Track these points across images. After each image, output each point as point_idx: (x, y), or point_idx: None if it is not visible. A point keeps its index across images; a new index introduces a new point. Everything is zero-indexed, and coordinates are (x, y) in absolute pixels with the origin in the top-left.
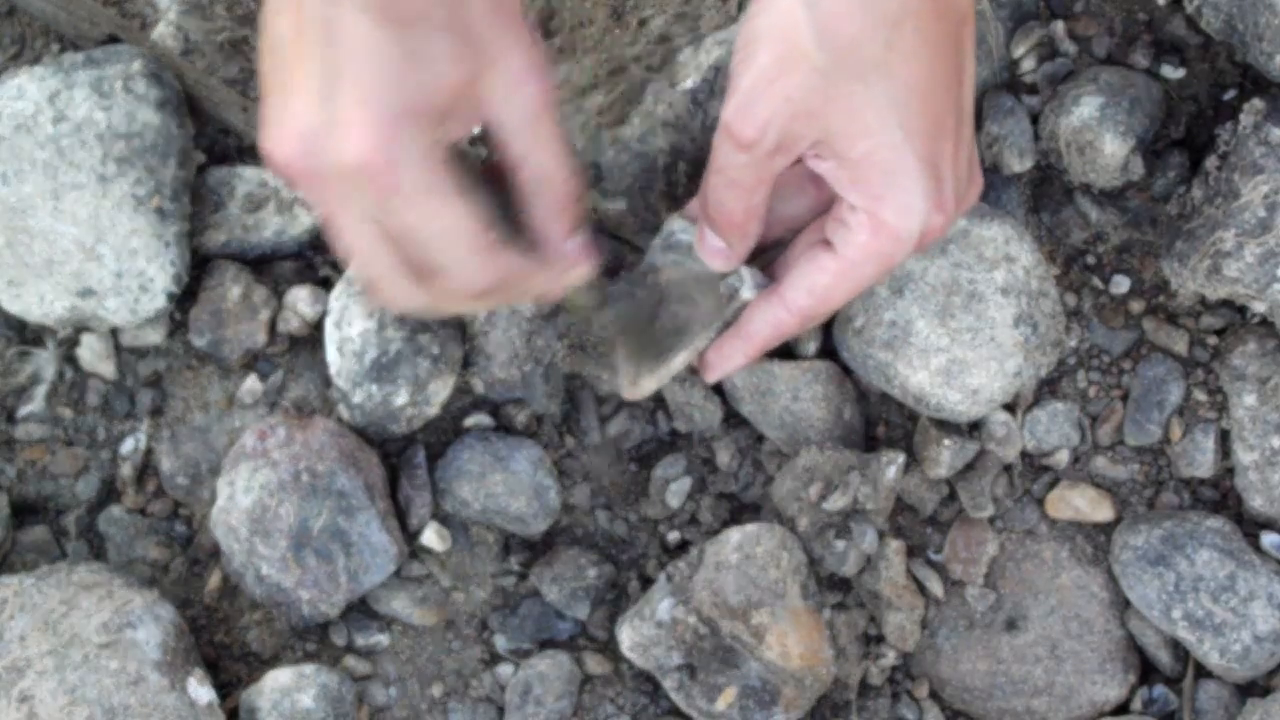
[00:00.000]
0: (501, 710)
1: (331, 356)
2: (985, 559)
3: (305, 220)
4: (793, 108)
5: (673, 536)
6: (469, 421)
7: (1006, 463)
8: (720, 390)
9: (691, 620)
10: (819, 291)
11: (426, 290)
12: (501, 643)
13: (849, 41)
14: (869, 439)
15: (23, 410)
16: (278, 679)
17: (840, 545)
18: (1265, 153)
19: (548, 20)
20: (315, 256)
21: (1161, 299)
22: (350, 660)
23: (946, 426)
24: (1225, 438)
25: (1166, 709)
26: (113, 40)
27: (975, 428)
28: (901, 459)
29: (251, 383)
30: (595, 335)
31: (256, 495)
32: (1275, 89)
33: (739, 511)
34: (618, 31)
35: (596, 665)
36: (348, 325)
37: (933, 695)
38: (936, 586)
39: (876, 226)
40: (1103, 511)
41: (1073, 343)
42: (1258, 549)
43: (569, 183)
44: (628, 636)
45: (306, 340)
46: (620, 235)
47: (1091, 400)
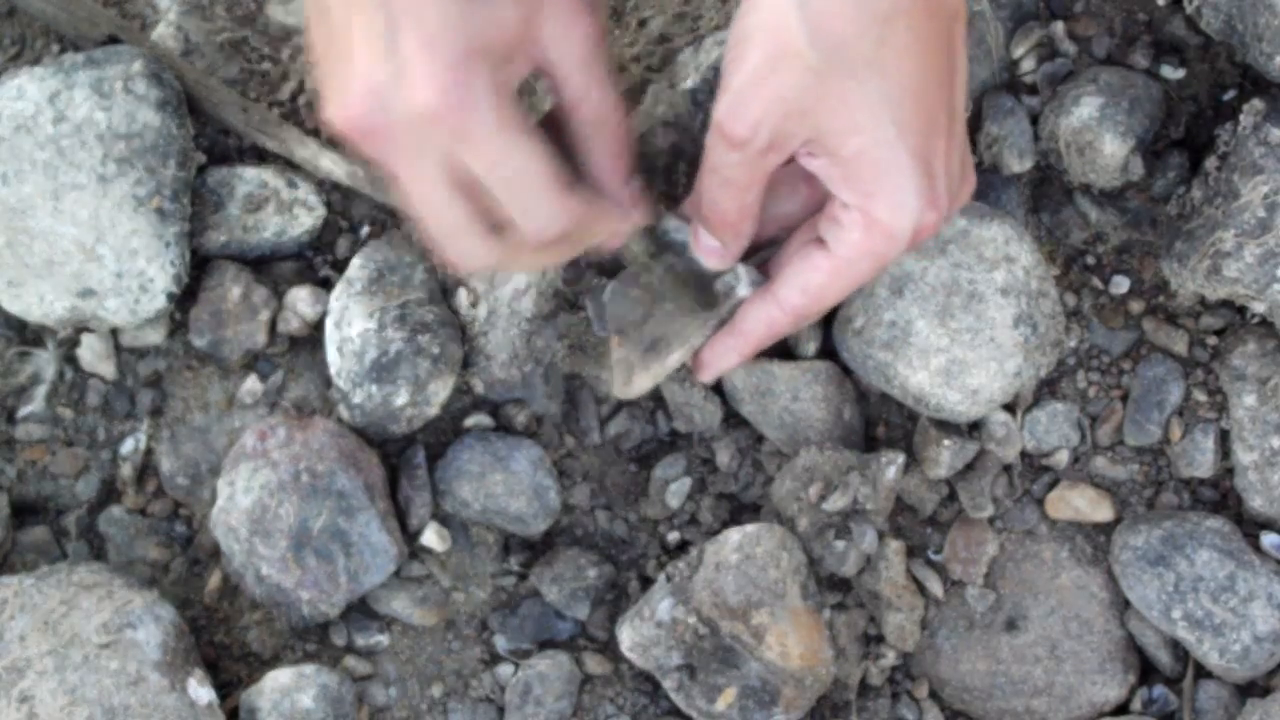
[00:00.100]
0: (501, 710)
1: (331, 357)
2: (985, 559)
3: (305, 220)
4: (785, 106)
5: (673, 537)
6: (469, 421)
7: (1006, 463)
8: (720, 390)
9: (691, 620)
10: (813, 290)
11: (499, 243)
12: (501, 643)
13: (840, 39)
14: (869, 439)
15: (23, 410)
16: (278, 679)
17: (840, 545)
18: (1265, 153)
19: None
20: (315, 257)
21: (1161, 299)
22: (350, 660)
23: (946, 427)
24: (1225, 438)
25: (1166, 709)
26: (113, 41)
27: (975, 428)
28: (901, 459)
29: (251, 383)
30: (594, 321)
31: (256, 495)
32: (1275, 89)
33: (739, 511)
34: (618, 32)
35: (596, 665)
36: (348, 325)
37: (933, 695)
38: (936, 586)
39: (869, 224)
40: (1102, 512)
41: (1072, 343)
42: (1257, 549)
43: (624, 123)
44: (628, 637)
45: (306, 340)
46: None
47: (1091, 400)
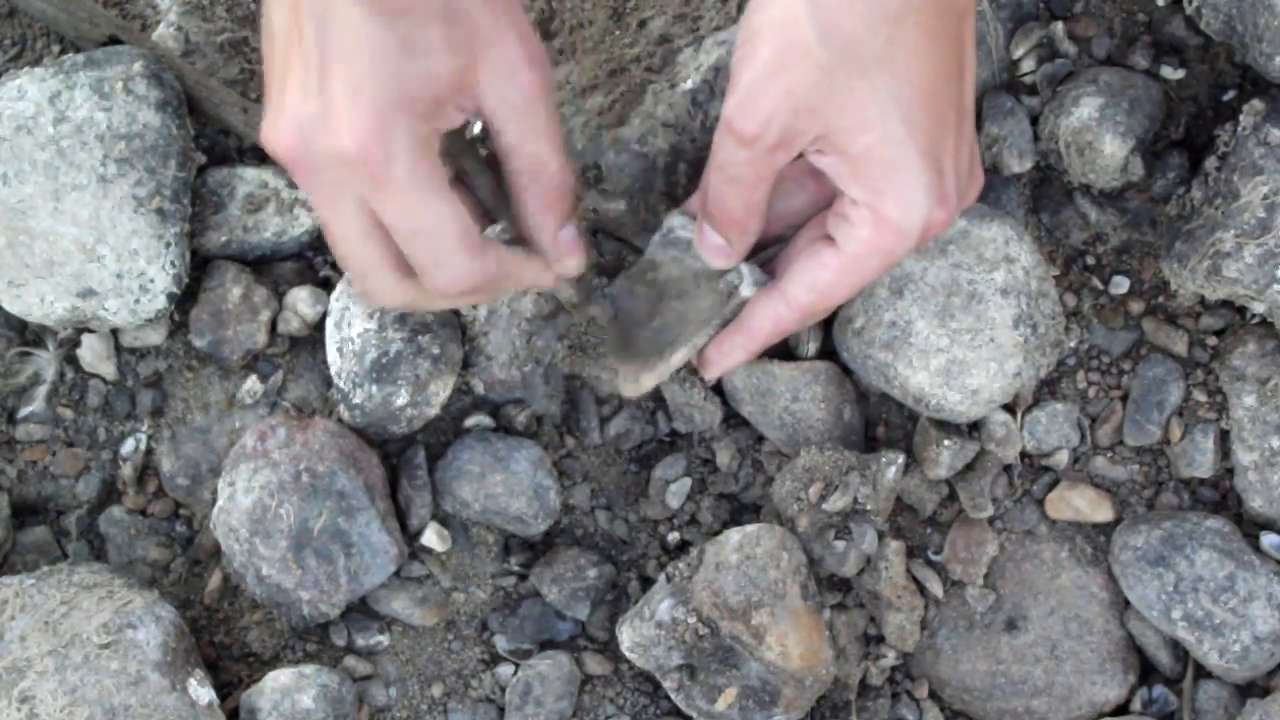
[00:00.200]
0: (501, 710)
1: (332, 357)
2: (985, 559)
3: (305, 221)
4: (794, 103)
5: (673, 537)
6: (469, 422)
7: (1006, 463)
8: (720, 391)
9: (691, 621)
10: (821, 287)
11: (413, 287)
12: (501, 643)
13: (851, 37)
14: (869, 439)
15: (23, 411)
16: (278, 679)
17: (840, 545)
18: (1265, 153)
19: (548, 21)
20: (315, 257)
21: (1161, 299)
22: (350, 660)
23: (946, 427)
24: (1225, 438)
25: (1166, 709)
26: (113, 41)
27: (975, 428)
28: (901, 459)
29: (252, 383)
30: (591, 330)
31: (257, 496)
32: (1275, 90)
33: (739, 512)
34: (618, 32)
35: (596, 665)
36: (348, 326)
37: (932, 695)
38: (936, 587)
39: (879, 221)
40: (1102, 512)
41: (1072, 343)
42: (1257, 549)
43: (561, 174)
44: (628, 637)
45: (307, 341)
46: (620, 235)
47: (1091, 401)
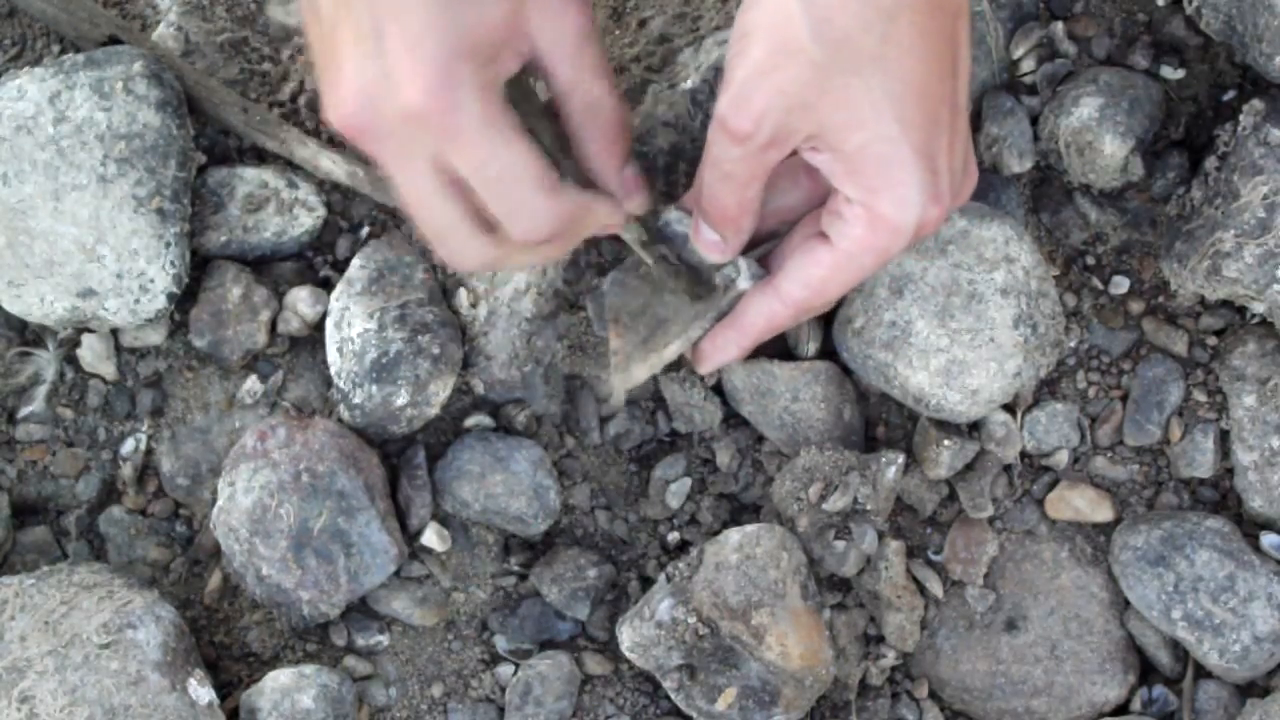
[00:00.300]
0: (501, 710)
1: (332, 357)
2: (985, 559)
3: (305, 221)
4: (788, 100)
5: (673, 537)
6: (469, 422)
7: (1006, 463)
8: (720, 391)
9: (691, 620)
10: (814, 284)
11: (491, 241)
12: (501, 643)
13: (844, 34)
14: (869, 439)
15: (23, 411)
16: (278, 679)
17: (840, 545)
18: (1265, 153)
19: None
20: (315, 257)
21: (1161, 299)
22: (350, 660)
23: (946, 427)
24: (1225, 438)
25: (1166, 709)
26: (113, 41)
27: (975, 428)
28: (901, 459)
29: (252, 383)
30: (593, 317)
31: (257, 496)
32: (1275, 90)
33: (739, 512)
34: (617, 32)
35: (596, 665)
36: (348, 326)
37: (932, 695)
38: (936, 587)
39: (873, 219)
40: (1102, 512)
41: (1072, 343)
42: (1257, 549)
43: (618, 109)
44: (628, 637)
45: (307, 341)
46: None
47: (1091, 401)
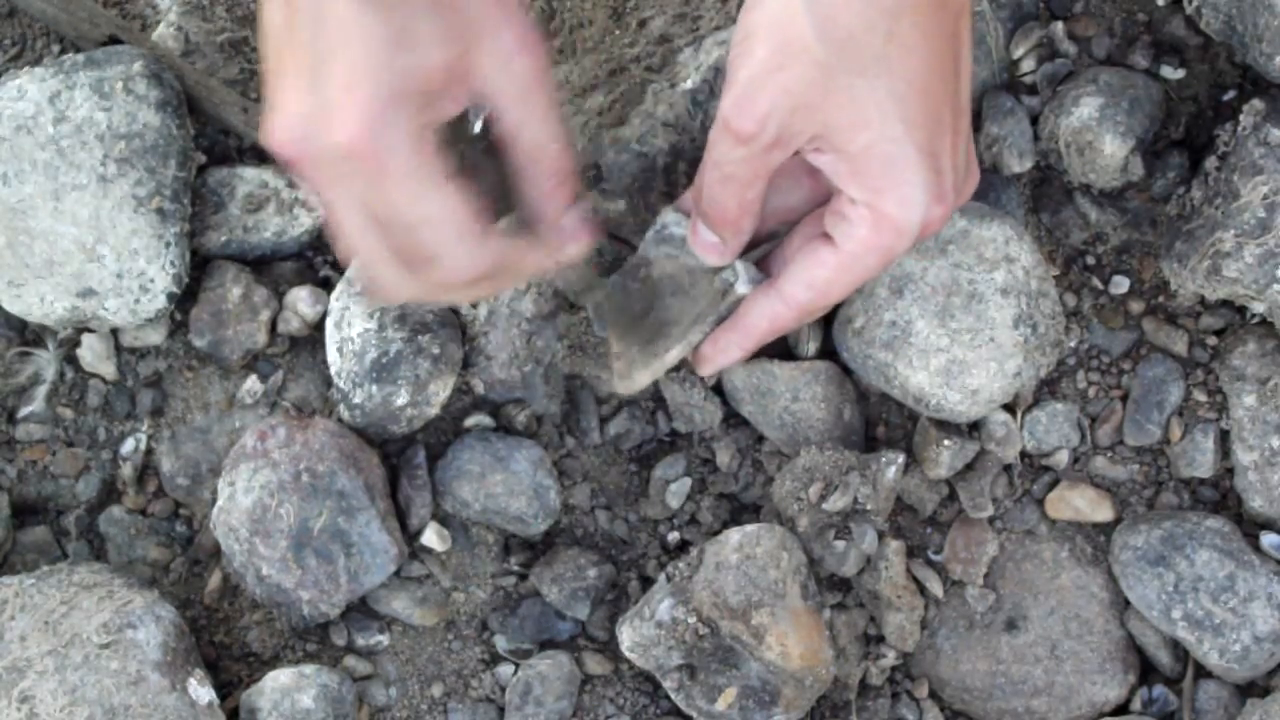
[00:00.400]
0: (502, 710)
1: (332, 357)
2: (985, 559)
3: (305, 221)
4: (792, 101)
5: (673, 537)
6: (469, 422)
7: (1006, 463)
8: (720, 390)
9: (691, 620)
10: (818, 285)
11: (418, 279)
12: (501, 643)
13: (848, 35)
14: (869, 439)
15: (23, 411)
16: (278, 679)
17: (840, 545)
18: (1265, 153)
19: (548, 21)
20: (315, 257)
21: (1161, 299)
22: (350, 660)
23: (946, 427)
24: (1225, 438)
25: (1166, 709)
26: (113, 41)
27: (975, 428)
28: (901, 459)
29: (252, 383)
30: (592, 325)
31: (257, 495)
32: (1275, 89)
33: (739, 512)
34: (617, 32)
35: (596, 665)
36: (348, 326)
37: (933, 695)
38: (936, 586)
39: (877, 219)
40: (1102, 512)
41: (1072, 343)
42: (1257, 549)
43: (563, 156)
44: (628, 637)
45: (307, 341)
46: (620, 235)
47: (1091, 400)
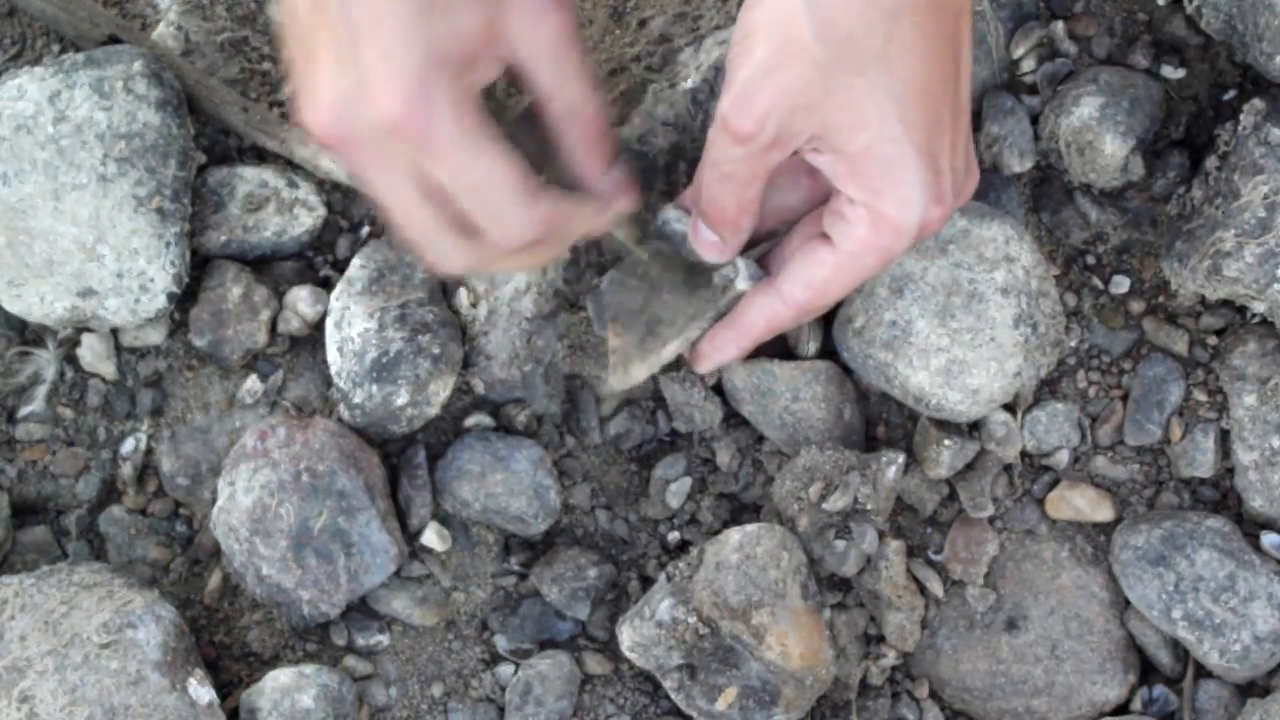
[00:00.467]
0: (502, 710)
1: (332, 357)
2: (985, 559)
3: (306, 220)
4: (791, 100)
5: (673, 536)
6: (469, 421)
7: (1006, 463)
8: (720, 390)
9: (692, 620)
10: (817, 285)
11: (474, 246)
12: (502, 643)
13: (848, 35)
14: (869, 439)
15: (23, 410)
16: (278, 679)
17: (840, 545)
18: (1265, 153)
19: None
20: (315, 257)
21: (1161, 299)
22: (350, 660)
23: (946, 426)
24: (1225, 438)
25: (1166, 709)
26: (113, 41)
27: (975, 428)
28: (901, 459)
29: (252, 383)
30: (594, 318)
31: (257, 495)
32: (1275, 89)
33: (739, 511)
34: (618, 32)
35: (597, 665)
36: (348, 325)
37: (933, 695)
38: (936, 586)
39: (876, 220)
40: (1103, 511)
41: (1073, 343)
42: (1258, 549)
43: (600, 113)
44: (628, 636)
45: (307, 340)
46: (620, 235)
47: (1091, 400)
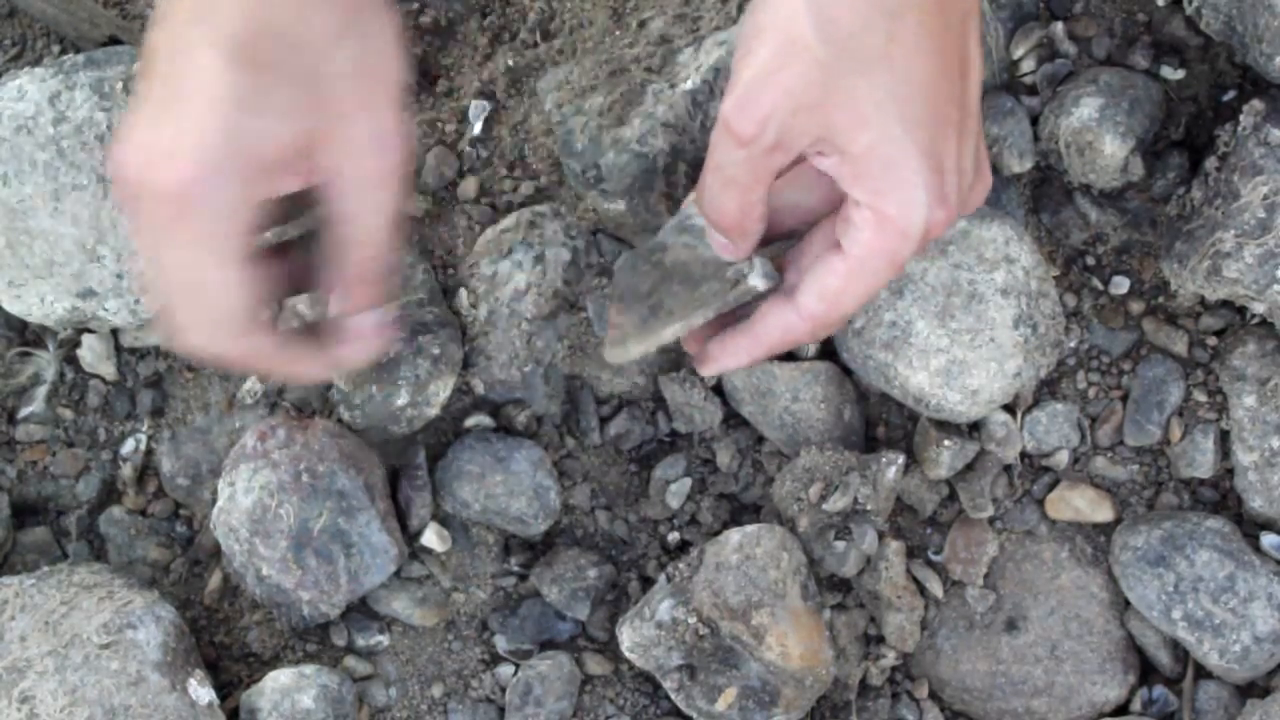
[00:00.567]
0: (502, 711)
1: None
2: (985, 559)
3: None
4: (793, 102)
5: (673, 537)
6: (469, 422)
7: (1006, 463)
8: (720, 391)
9: (692, 621)
10: (830, 295)
11: (178, 336)
12: (502, 643)
13: (849, 34)
14: (869, 439)
15: (24, 411)
16: (278, 679)
17: (840, 546)
18: (1265, 153)
19: (548, 21)
20: None
21: (1161, 300)
22: (350, 661)
23: (946, 427)
24: (1225, 438)
25: (1166, 709)
26: (113, 41)
27: (975, 428)
28: (901, 459)
29: (252, 383)
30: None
31: (257, 496)
32: (1275, 90)
33: (739, 512)
34: (618, 33)
35: (596, 666)
36: None
37: (933, 696)
38: (936, 587)
39: (881, 222)
40: (1102, 512)
41: (1072, 343)
42: (1257, 549)
43: (385, 254)
44: (628, 637)
45: None
46: (620, 236)
47: (1091, 401)
